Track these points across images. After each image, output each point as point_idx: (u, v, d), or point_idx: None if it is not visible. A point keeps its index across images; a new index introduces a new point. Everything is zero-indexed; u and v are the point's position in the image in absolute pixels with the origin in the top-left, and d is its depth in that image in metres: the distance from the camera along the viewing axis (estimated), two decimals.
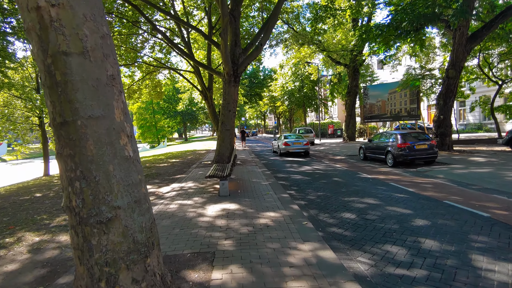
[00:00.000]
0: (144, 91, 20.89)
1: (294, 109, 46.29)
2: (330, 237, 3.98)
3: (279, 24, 24.15)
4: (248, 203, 5.49)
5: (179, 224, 4.36)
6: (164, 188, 7.51)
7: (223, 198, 5.95)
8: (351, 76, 24.89)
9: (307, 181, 8.22)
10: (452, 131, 12.82)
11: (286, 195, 6.12)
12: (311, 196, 6.37)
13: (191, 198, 6.03)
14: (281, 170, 10.62)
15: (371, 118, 26.49)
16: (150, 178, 9.39)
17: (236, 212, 4.85)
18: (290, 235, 3.79)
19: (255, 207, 5.18)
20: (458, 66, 11.58)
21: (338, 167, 10.79)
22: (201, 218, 4.62)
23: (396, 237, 3.90)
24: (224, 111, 11.56)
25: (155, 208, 5.40)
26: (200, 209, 5.13)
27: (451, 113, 12.42)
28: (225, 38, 10.58)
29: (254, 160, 13.51)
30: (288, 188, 7.27)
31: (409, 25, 11.35)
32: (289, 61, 35.05)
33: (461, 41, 11.23)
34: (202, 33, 12.87)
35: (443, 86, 12.24)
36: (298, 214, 4.72)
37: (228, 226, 4.18)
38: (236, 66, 11.39)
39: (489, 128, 26.30)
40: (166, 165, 13.15)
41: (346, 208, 5.34)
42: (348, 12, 18.88)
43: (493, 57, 19.20)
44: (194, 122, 62.88)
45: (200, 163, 12.86)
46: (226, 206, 5.28)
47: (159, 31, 13.62)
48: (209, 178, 6.15)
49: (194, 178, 8.68)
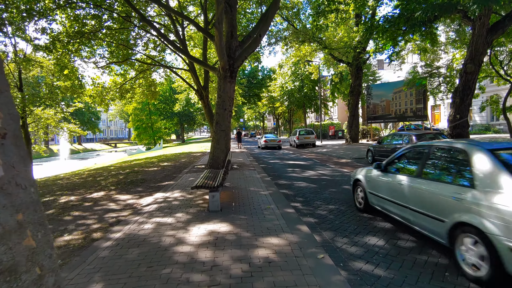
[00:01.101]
0: (138, 91, 19.70)
1: (293, 110, 45.20)
2: (359, 280, 2.82)
3: (279, 21, 23.09)
4: (243, 222, 4.33)
5: (149, 257, 3.20)
6: (146, 199, 6.35)
7: (213, 214, 4.79)
8: (354, 75, 23.78)
9: (313, 190, 7.06)
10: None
11: (291, 210, 4.96)
12: (322, 211, 5.21)
13: (173, 214, 4.86)
14: (283, 176, 9.46)
15: (375, 119, 25.39)
16: (133, 185, 8.21)
17: (227, 238, 3.69)
18: (303, 279, 2.63)
19: (253, 228, 4.02)
20: (478, 60, 10.48)
21: (346, 172, 9.64)
22: (180, 247, 3.46)
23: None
24: (219, 110, 10.41)
25: (125, 228, 4.24)
26: (182, 232, 3.97)
27: (468, 112, 11.32)
28: (219, 28, 9.44)
29: (252, 163, 12.36)
30: (292, 200, 6.11)
31: (423, 15, 10.25)
32: (288, 60, 33.97)
33: (481, 32, 10.13)
34: (197, 25, 11.74)
35: (460, 83, 11.14)
36: (309, 240, 3.57)
37: (214, 262, 3.02)
38: (232, 60, 10.26)
39: (497, 130, 25.25)
40: (156, 169, 11.98)
41: (369, 229, 4.19)
42: (352, 6, 17.78)
43: (504, 54, 18.15)
44: (192, 123, 61.65)
45: (193, 167, 11.70)
46: (215, 227, 4.12)
47: (152, 25, 12.47)
48: (196, 188, 4.99)
49: (182, 186, 7.51)
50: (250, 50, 10.89)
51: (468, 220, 2.75)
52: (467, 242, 2.81)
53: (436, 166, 3.70)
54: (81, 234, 4.22)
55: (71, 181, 10.68)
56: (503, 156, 2.91)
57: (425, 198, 3.42)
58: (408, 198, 3.71)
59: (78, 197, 6.98)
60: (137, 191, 7.37)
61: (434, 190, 3.29)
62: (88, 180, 10.33)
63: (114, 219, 4.89)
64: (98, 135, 78.44)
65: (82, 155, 47.67)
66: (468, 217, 2.77)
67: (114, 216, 5.07)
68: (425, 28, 11.22)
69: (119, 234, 4.03)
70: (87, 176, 11.48)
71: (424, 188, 3.46)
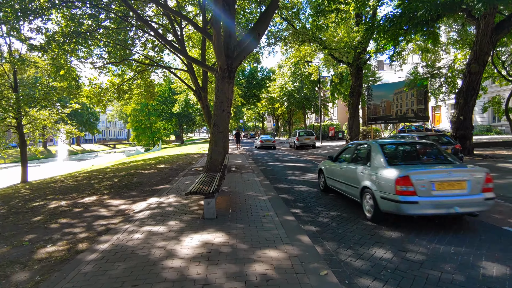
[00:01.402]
0: (136, 92, 19.42)
1: (293, 110, 44.96)
2: None
3: (278, 21, 22.84)
4: (240, 231, 4.05)
5: (135, 273, 2.92)
6: (139, 204, 6.06)
7: (208, 222, 4.51)
8: (355, 75, 23.50)
9: (314, 195, 6.78)
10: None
11: (291, 218, 4.68)
12: (323, 218, 4.93)
13: (166, 222, 4.58)
14: (282, 179, 9.18)
15: (375, 120, 25.10)
16: (127, 189, 7.93)
17: (222, 250, 3.41)
18: None
19: (250, 239, 3.74)
20: (482, 60, 10.23)
21: None
22: (170, 261, 3.18)
23: None
24: (217, 111, 10.13)
25: (113, 238, 3.95)
26: (173, 243, 3.68)
27: (472, 113, 11.07)
28: (217, 27, 9.19)
29: (251, 166, 12.08)
30: (292, 205, 5.83)
31: (426, 14, 9.99)
32: (288, 60, 33.72)
33: (486, 31, 9.88)
34: (194, 24, 11.47)
35: (464, 83, 10.88)
36: (310, 253, 3.29)
37: (206, 280, 2.73)
38: (231, 60, 9.98)
39: (499, 130, 24.99)
40: (153, 171, 11.69)
41: (375, 239, 3.91)
42: (353, 5, 17.54)
43: (506, 54, 17.92)
44: (191, 124, 61.35)
45: (190, 169, 11.41)
46: (209, 238, 3.83)
47: (149, 24, 12.19)
48: (190, 195, 4.71)
49: (178, 190, 7.23)
50: (249, 50, 10.64)
51: (366, 184, 4.75)
52: (366, 198, 4.80)
53: (357, 156, 5.74)
54: (65, 244, 3.94)
55: (65, 184, 10.39)
56: (387, 148, 5.09)
57: (350, 175, 5.46)
58: (344, 176, 5.77)
59: (69, 202, 6.69)
60: (131, 195, 7.08)
61: (354, 170, 5.30)
62: (82, 183, 10.04)
63: (103, 227, 4.61)
64: (97, 136, 78.09)
65: (81, 156, 47.33)
66: (366, 183, 4.75)
67: (104, 224, 4.79)
68: (427, 28, 10.97)
69: (106, 245, 3.74)
70: (81, 179, 11.19)
71: (350, 169, 5.52)
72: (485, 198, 4.06)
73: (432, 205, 3.99)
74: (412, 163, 4.69)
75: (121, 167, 15.00)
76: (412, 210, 4.02)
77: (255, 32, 10.27)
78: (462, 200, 4.01)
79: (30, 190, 9.89)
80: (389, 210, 4.27)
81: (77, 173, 15.70)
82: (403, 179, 4.05)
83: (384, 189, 4.31)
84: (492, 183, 4.19)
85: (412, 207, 4.00)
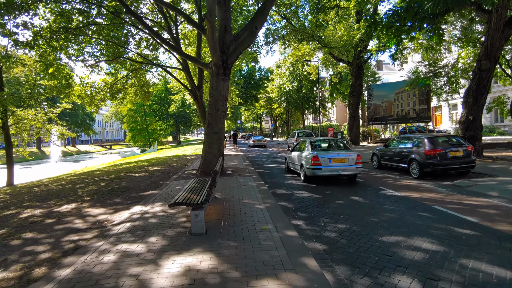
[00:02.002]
0: (130, 91, 18.67)
1: (291, 111, 44.33)
2: None
3: (277, 19, 22.20)
4: (233, 252, 3.36)
5: None
6: (120, 214, 5.36)
7: (195, 239, 3.82)
8: (355, 75, 22.88)
9: (317, 202, 6.12)
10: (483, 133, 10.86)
11: (292, 233, 4.00)
12: (331, 233, 4.26)
13: (146, 239, 3.88)
14: (281, 184, 8.51)
15: (376, 120, 24.50)
16: (112, 195, 7.22)
17: (207, 281, 2.72)
18: None
19: (244, 264, 3.05)
20: (493, 57, 9.62)
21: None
22: None
23: None
24: (211, 110, 9.45)
25: (79, 261, 3.26)
26: (149, 270, 2.99)
27: (482, 113, 10.46)
28: (211, 20, 8.49)
29: (248, 168, 11.40)
30: (293, 216, 5.15)
31: (434, 7, 9.37)
32: (286, 60, 33.09)
33: (498, 26, 9.27)
34: (188, 18, 10.77)
35: (473, 81, 10.26)
36: (319, 284, 2.61)
37: None
38: (226, 56, 9.31)
39: (502, 131, 24.44)
40: (143, 174, 10.98)
41: (395, 261, 3.24)
42: (353, 2, 16.93)
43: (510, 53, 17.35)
44: (188, 125, 60.57)
45: (183, 172, 10.71)
46: (194, 262, 3.15)
47: (140, 19, 11.49)
48: (174, 206, 4.02)
49: (166, 197, 6.53)
50: (246, 45, 9.97)
51: (301, 162, 8.56)
52: (302, 169, 8.60)
53: (301, 146, 9.30)
54: (19, 269, 3.23)
55: (48, 188, 9.66)
56: (314, 142, 8.98)
57: (296, 159, 9.27)
58: (294, 160, 9.54)
59: (44, 211, 5.98)
60: (114, 203, 6.38)
61: (299, 155, 8.98)
62: (66, 187, 9.32)
63: (72, 245, 3.91)
64: (93, 137, 77.00)
65: (75, 157, 46.40)
66: (302, 162, 8.51)
67: (74, 240, 4.09)
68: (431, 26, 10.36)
69: (68, 270, 3.05)
70: (67, 183, 10.46)
71: (297, 155, 9.18)
72: (356, 167, 7.81)
73: (328, 170, 7.73)
74: (323, 150, 8.69)
75: (112, 170, 14.26)
76: (318, 172, 7.79)
77: (252, 26, 9.61)
78: (344, 168, 7.77)
79: (9, 196, 9.16)
80: (309, 174, 8.00)
81: (65, 176, 14.94)
82: (314, 157, 7.81)
83: (308, 163, 7.98)
84: (360, 159, 7.91)
85: (319, 171, 7.77)
